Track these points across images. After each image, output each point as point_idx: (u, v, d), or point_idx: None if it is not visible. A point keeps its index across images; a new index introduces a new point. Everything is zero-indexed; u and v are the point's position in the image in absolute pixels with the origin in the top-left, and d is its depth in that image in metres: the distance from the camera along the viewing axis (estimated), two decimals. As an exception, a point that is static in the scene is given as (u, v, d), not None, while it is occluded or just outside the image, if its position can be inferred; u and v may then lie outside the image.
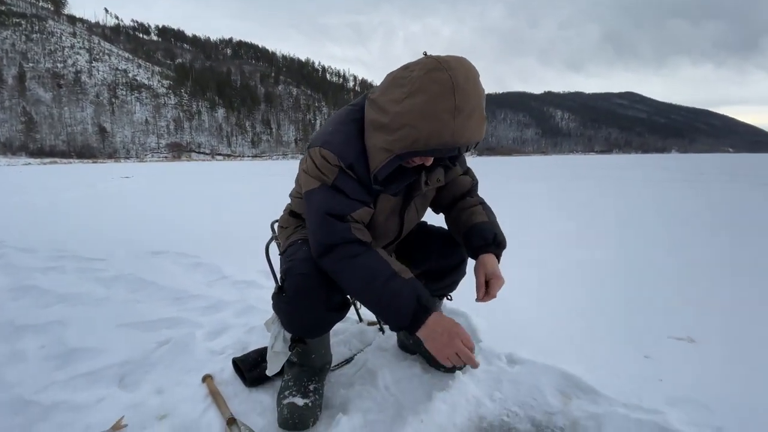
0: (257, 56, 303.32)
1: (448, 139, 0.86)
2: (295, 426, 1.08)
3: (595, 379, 1.27)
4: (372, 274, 0.96)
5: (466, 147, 0.90)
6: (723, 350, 1.49)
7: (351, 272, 0.98)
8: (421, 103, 0.85)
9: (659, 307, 1.92)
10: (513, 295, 2.05)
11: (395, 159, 0.93)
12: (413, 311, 0.94)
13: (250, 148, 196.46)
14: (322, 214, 1.00)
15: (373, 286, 0.96)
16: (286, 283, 1.06)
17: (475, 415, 1.18)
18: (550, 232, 3.81)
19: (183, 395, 1.26)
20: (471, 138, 0.88)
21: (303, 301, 1.04)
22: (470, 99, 0.85)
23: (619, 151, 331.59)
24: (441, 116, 0.84)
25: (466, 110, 0.85)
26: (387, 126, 0.91)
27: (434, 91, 0.84)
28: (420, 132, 0.86)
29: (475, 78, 0.88)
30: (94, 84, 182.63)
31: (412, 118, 0.86)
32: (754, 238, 3.46)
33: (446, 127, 0.85)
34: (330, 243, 0.99)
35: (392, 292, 0.95)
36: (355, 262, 0.98)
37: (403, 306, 0.94)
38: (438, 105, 0.84)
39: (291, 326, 1.11)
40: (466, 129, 0.86)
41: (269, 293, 2.15)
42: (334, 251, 0.99)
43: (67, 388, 1.32)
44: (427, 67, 0.86)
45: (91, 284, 2.37)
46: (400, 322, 0.96)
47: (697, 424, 1.08)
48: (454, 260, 1.28)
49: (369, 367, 1.38)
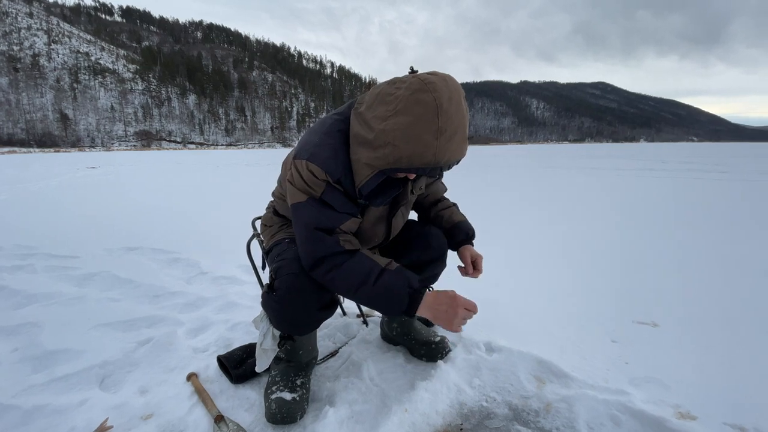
0: (229, 40, 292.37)
1: (430, 159, 0.89)
2: (283, 420, 1.10)
3: (566, 363, 1.36)
4: (363, 275, 0.99)
5: (448, 166, 0.93)
6: (682, 333, 1.61)
7: (342, 279, 1.01)
8: (405, 123, 0.87)
9: (624, 292, 2.04)
10: (490, 285, 2.13)
11: (379, 174, 0.95)
12: (408, 298, 0.99)
13: (224, 136, 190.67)
14: (312, 229, 1.01)
15: (366, 286, 0.99)
16: (277, 282, 1.08)
17: (456, 401, 1.24)
18: (522, 222, 3.93)
19: (168, 394, 1.26)
20: (452, 158, 0.91)
21: (294, 300, 1.06)
22: (453, 121, 0.87)
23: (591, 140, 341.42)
24: (424, 138, 0.86)
25: (449, 132, 0.87)
26: (371, 142, 0.93)
27: (418, 112, 0.85)
28: (402, 152, 0.89)
29: (459, 99, 0.90)
30: (54, 68, 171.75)
31: (396, 137, 0.88)
32: (712, 227, 3.68)
33: (429, 148, 0.87)
34: (320, 256, 1.01)
35: (385, 287, 0.99)
36: (344, 269, 1.00)
37: (398, 296, 0.99)
38: (421, 127, 0.86)
39: (281, 324, 1.13)
40: (447, 150, 0.89)
41: (250, 289, 2.16)
42: (325, 263, 1.01)
43: (46, 391, 1.30)
44: (412, 87, 0.87)
45: (64, 283, 2.30)
46: (399, 311, 1.00)
47: (656, 402, 1.17)
48: (435, 253, 1.33)
49: (354, 359, 1.42)
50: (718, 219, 3.93)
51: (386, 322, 1.51)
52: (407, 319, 1.46)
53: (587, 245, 2.97)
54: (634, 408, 1.13)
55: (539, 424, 1.14)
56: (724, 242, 3.03)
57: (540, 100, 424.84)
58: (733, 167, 11.36)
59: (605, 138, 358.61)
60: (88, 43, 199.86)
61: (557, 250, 2.84)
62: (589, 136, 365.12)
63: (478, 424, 1.15)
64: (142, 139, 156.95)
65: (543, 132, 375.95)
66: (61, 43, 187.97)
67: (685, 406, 1.15)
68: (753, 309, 1.83)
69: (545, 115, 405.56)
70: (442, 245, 1.34)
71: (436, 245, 1.32)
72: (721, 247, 2.89)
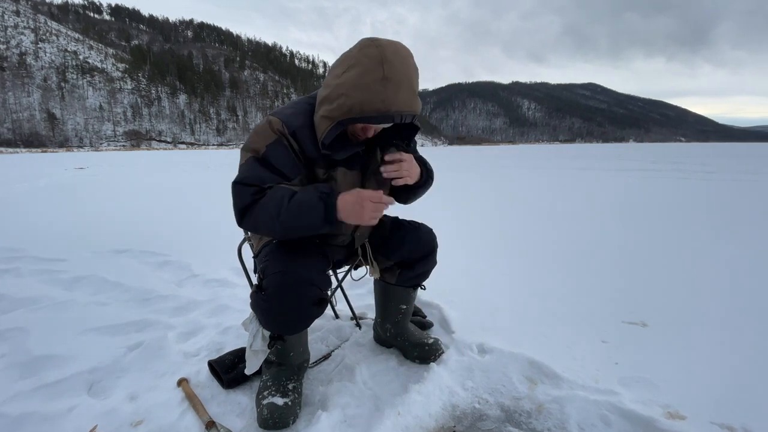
0: (221, 39, 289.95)
1: (380, 106, 0.95)
2: (275, 425, 1.10)
3: (557, 364, 1.37)
4: (277, 201, 1.03)
5: (400, 116, 0.98)
6: (671, 333, 1.63)
7: (264, 214, 1.04)
8: (354, 74, 0.96)
9: (613, 293, 2.06)
10: (483, 287, 2.14)
11: (337, 125, 1.01)
12: (323, 204, 1.02)
13: (215, 136, 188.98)
14: (235, 184, 1.08)
15: (283, 208, 1.02)
16: (265, 281, 1.09)
17: (449, 404, 1.24)
18: (513, 223, 3.96)
19: (158, 400, 1.25)
20: (402, 107, 0.97)
21: (282, 297, 1.07)
22: (398, 71, 0.96)
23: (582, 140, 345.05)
24: (371, 86, 0.95)
25: (394, 80, 0.95)
26: (328, 97, 1.02)
27: (365, 63, 0.96)
28: (354, 100, 0.96)
29: (404, 55, 0.98)
30: (41, 67, 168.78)
31: (348, 88, 0.97)
32: (699, 226, 3.75)
33: (376, 94, 0.95)
34: (241, 207, 1.06)
35: (299, 202, 1.02)
36: (261, 204, 1.04)
37: (313, 206, 1.02)
38: (368, 76, 0.95)
39: (271, 323, 1.12)
40: (396, 98, 0.96)
41: (242, 292, 2.15)
42: (248, 211, 1.06)
43: (34, 398, 1.27)
44: (361, 44, 0.99)
45: (51, 287, 2.26)
46: (321, 219, 1.02)
47: (645, 402, 1.19)
48: (425, 250, 1.36)
49: (346, 362, 1.42)
50: (705, 219, 4.00)
51: (380, 323, 1.52)
52: (401, 321, 1.47)
53: (577, 246, 3.00)
54: (623, 408, 1.15)
55: (531, 425, 1.15)
56: (712, 242, 3.08)
57: (531, 101, 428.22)
58: (721, 167, 11.57)
59: (595, 138, 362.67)
60: (76, 42, 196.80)
61: (548, 252, 2.86)
62: (580, 136, 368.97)
63: (470, 426, 1.16)
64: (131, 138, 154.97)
65: (534, 132, 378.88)
66: (48, 42, 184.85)
67: (674, 406, 1.17)
68: (741, 309, 1.86)
69: (536, 115, 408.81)
70: (432, 241, 1.38)
71: (426, 241, 1.36)
72: (708, 246, 2.94)
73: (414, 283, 1.42)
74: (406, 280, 1.38)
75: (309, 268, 1.11)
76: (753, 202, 5.04)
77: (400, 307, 1.45)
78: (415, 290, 1.46)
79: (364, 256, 1.36)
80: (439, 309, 1.79)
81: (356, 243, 1.34)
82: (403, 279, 1.38)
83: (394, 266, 1.37)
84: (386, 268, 1.39)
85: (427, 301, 1.86)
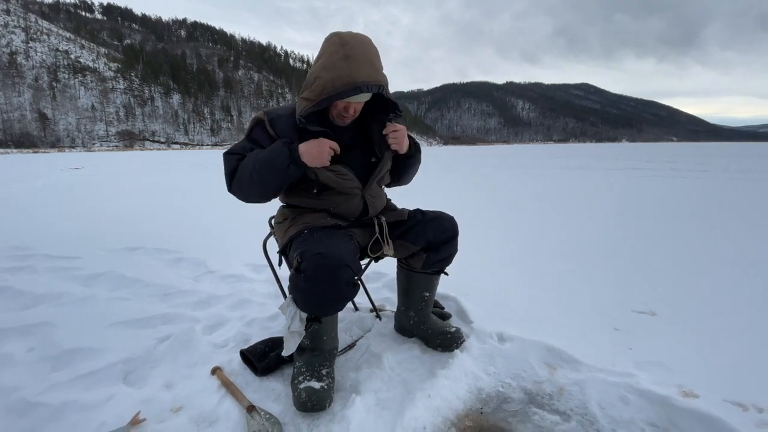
0: (214, 39, 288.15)
1: (347, 80, 1.14)
2: (313, 407, 1.15)
3: (575, 350, 1.43)
4: (251, 159, 1.24)
5: (366, 86, 1.16)
6: (679, 320, 1.71)
7: (243, 174, 1.25)
8: (322, 60, 1.19)
9: (623, 284, 2.13)
10: (497, 280, 2.21)
11: (319, 102, 1.19)
12: (287, 149, 1.21)
13: (209, 136, 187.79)
14: (225, 155, 1.30)
15: (257, 162, 1.22)
16: (303, 264, 1.15)
17: (474, 387, 1.30)
18: (527, 217, 4.04)
19: (195, 388, 1.29)
20: (367, 79, 1.16)
21: (321, 277, 1.13)
22: (357, 50, 1.16)
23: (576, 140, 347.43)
24: (336, 64, 1.15)
25: (354, 57, 1.15)
26: (307, 83, 1.24)
27: (330, 49, 1.18)
28: (325, 79, 1.16)
29: (362, 39, 1.19)
30: (32, 66, 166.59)
31: (319, 71, 1.19)
32: (698, 222, 3.85)
33: (342, 70, 1.14)
34: (228, 171, 1.28)
35: (267, 153, 1.23)
36: (241, 165, 1.26)
37: (279, 152, 1.22)
38: (333, 58, 1.16)
39: (310, 304, 1.18)
40: (359, 72, 1.15)
41: (261, 286, 2.20)
42: (235, 174, 1.27)
43: (71, 388, 1.31)
44: (326, 38, 1.22)
45: (69, 283, 2.29)
46: (287, 164, 1.21)
47: (661, 383, 1.26)
48: (449, 233, 1.45)
49: (372, 350, 1.48)
50: (704, 215, 4.10)
51: (403, 312, 1.57)
52: (423, 308, 1.53)
53: (583, 241, 3.08)
54: (641, 388, 1.21)
55: (554, 406, 1.21)
56: (712, 236, 3.17)
57: (525, 101, 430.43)
58: (714, 166, 11.77)
59: (589, 138, 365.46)
60: (68, 41, 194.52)
61: (556, 246, 2.93)
62: (573, 136, 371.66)
63: (496, 408, 1.22)
64: (124, 139, 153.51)
65: (528, 132, 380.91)
66: (39, 41, 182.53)
67: (688, 386, 1.24)
68: (744, 296, 1.94)
69: (530, 115, 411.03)
70: (455, 226, 1.47)
71: (449, 225, 1.45)
72: (709, 240, 3.03)
73: (439, 268, 1.49)
74: (432, 264, 1.45)
75: (343, 251, 1.17)
76: (751, 200, 5.16)
77: (424, 294, 1.51)
78: (437, 277, 1.53)
79: (381, 234, 1.41)
80: (456, 301, 1.85)
81: (369, 209, 1.40)
82: (429, 263, 1.44)
83: (420, 251, 1.44)
84: (412, 254, 1.45)
85: (444, 293, 1.92)
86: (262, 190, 1.27)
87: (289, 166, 1.21)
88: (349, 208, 1.38)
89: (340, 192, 1.34)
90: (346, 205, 1.37)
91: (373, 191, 1.42)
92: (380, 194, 1.48)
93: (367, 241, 1.43)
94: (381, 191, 1.50)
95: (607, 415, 1.16)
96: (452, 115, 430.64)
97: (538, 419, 1.17)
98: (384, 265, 2.13)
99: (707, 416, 1.09)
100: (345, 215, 1.39)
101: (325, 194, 1.35)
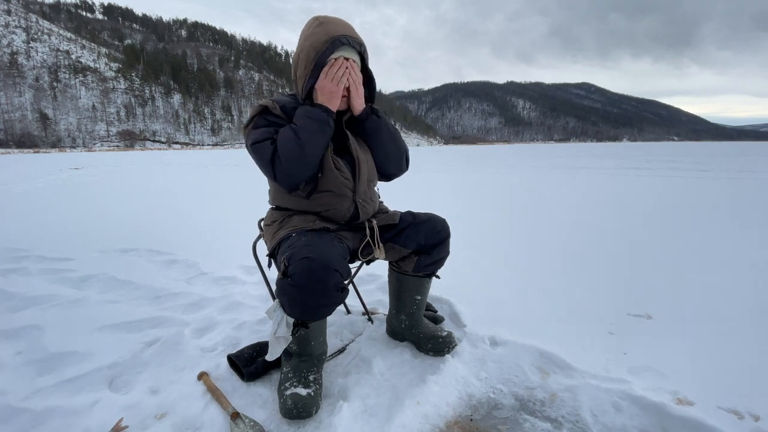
0: (215, 39, 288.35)
1: (325, 37, 1.23)
2: (299, 415, 1.13)
3: (568, 354, 1.41)
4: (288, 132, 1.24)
5: (346, 39, 1.24)
6: (676, 323, 1.68)
7: (286, 150, 1.23)
8: (303, 36, 1.29)
9: (618, 287, 2.11)
10: (490, 282, 2.19)
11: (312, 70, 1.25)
12: (314, 107, 1.26)
13: (210, 136, 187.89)
14: (253, 145, 1.28)
15: (299, 132, 1.22)
16: (291, 268, 1.12)
17: (465, 393, 1.28)
18: (521, 219, 4.01)
19: (180, 393, 1.27)
20: (345, 32, 1.25)
21: (309, 282, 1.10)
22: (329, 18, 1.27)
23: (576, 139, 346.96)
24: (314, 31, 1.25)
25: (328, 22, 1.26)
26: (295, 63, 1.32)
27: (307, 25, 1.29)
28: (309, 49, 1.25)
29: (336, 18, 1.29)
30: (33, 66, 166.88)
31: (303, 46, 1.27)
32: (697, 222, 3.82)
33: (320, 34, 1.24)
34: (269, 158, 1.24)
35: (302, 118, 1.25)
36: (280, 146, 1.24)
37: (312, 111, 1.25)
38: (309, 30, 1.27)
39: (297, 309, 1.15)
40: (336, 29, 1.24)
41: (253, 289, 2.17)
42: (275, 159, 1.24)
43: (56, 393, 1.29)
44: (307, 21, 1.32)
45: (60, 285, 2.27)
46: (323, 115, 1.25)
47: (655, 389, 1.23)
48: (441, 236, 1.43)
49: (363, 355, 1.45)
50: (703, 215, 4.07)
51: (394, 315, 1.55)
52: (415, 312, 1.50)
53: (579, 242, 3.05)
54: (634, 395, 1.19)
55: (545, 413, 1.19)
56: (710, 237, 3.14)
57: (526, 101, 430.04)
58: (715, 165, 11.72)
59: (590, 137, 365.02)
60: (69, 41, 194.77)
61: (549, 248, 2.91)
62: (574, 135, 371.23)
63: (486, 415, 1.19)
64: (125, 139, 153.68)
65: (529, 132, 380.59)
66: (40, 41, 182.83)
67: (683, 393, 1.21)
68: (740, 300, 1.92)
69: (531, 115, 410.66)
70: (446, 228, 1.45)
71: (441, 228, 1.43)
72: (707, 242, 3.00)
73: (430, 271, 1.47)
74: (424, 267, 1.43)
75: (332, 255, 1.15)
76: (752, 200, 5.13)
77: (415, 297, 1.49)
78: (429, 280, 1.50)
79: (372, 236, 1.39)
80: (449, 304, 1.83)
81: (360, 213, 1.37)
82: (420, 266, 1.42)
83: (411, 254, 1.42)
84: (404, 257, 1.43)
85: (437, 296, 1.90)
86: (315, 154, 1.25)
87: (327, 120, 1.25)
88: (339, 212, 1.36)
89: (330, 191, 1.31)
90: (337, 208, 1.35)
91: (364, 194, 1.39)
92: (372, 198, 1.46)
93: (358, 244, 1.40)
94: (373, 194, 1.48)
95: (599, 422, 1.14)
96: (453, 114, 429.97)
97: (528, 426, 1.14)
98: (377, 267, 2.11)
99: (701, 424, 1.06)
100: (335, 218, 1.37)
101: (315, 196, 1.32)
